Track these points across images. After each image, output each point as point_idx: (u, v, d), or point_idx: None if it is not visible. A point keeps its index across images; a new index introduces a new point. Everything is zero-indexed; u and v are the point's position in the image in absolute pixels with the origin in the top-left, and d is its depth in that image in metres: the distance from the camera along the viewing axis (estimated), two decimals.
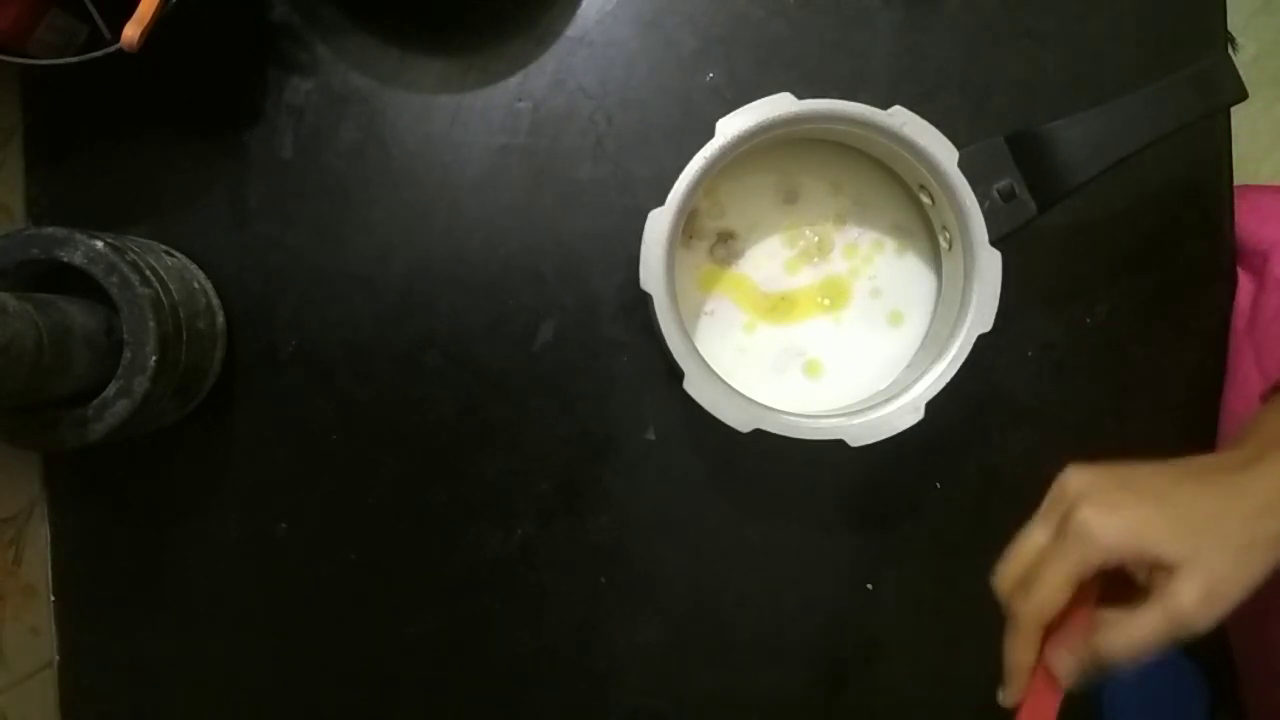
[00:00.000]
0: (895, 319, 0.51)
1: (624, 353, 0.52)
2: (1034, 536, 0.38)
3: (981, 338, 0.46)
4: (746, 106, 0.45)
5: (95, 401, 0.43)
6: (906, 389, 0.46)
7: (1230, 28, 0.54)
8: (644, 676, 0.53)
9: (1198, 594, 0.34)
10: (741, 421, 0.45)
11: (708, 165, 0.45)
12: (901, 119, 0.46)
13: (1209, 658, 0.51)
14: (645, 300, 0.46)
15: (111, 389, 0.43)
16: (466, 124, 0.52)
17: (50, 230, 0.43)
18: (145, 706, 0.53)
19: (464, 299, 0.52)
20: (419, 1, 0.52)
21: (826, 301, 0.51)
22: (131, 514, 0.53)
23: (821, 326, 0.51)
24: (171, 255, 0.49)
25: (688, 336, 0.46)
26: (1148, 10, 0.53)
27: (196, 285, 0.49)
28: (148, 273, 0.44)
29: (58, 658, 0.52)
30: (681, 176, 0.45)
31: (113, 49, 0.41)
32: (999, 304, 0.46)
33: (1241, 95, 0.45)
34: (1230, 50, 0.60)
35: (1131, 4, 0.53)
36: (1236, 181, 0.54)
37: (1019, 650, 0.38)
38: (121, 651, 0.53)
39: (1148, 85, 0.45)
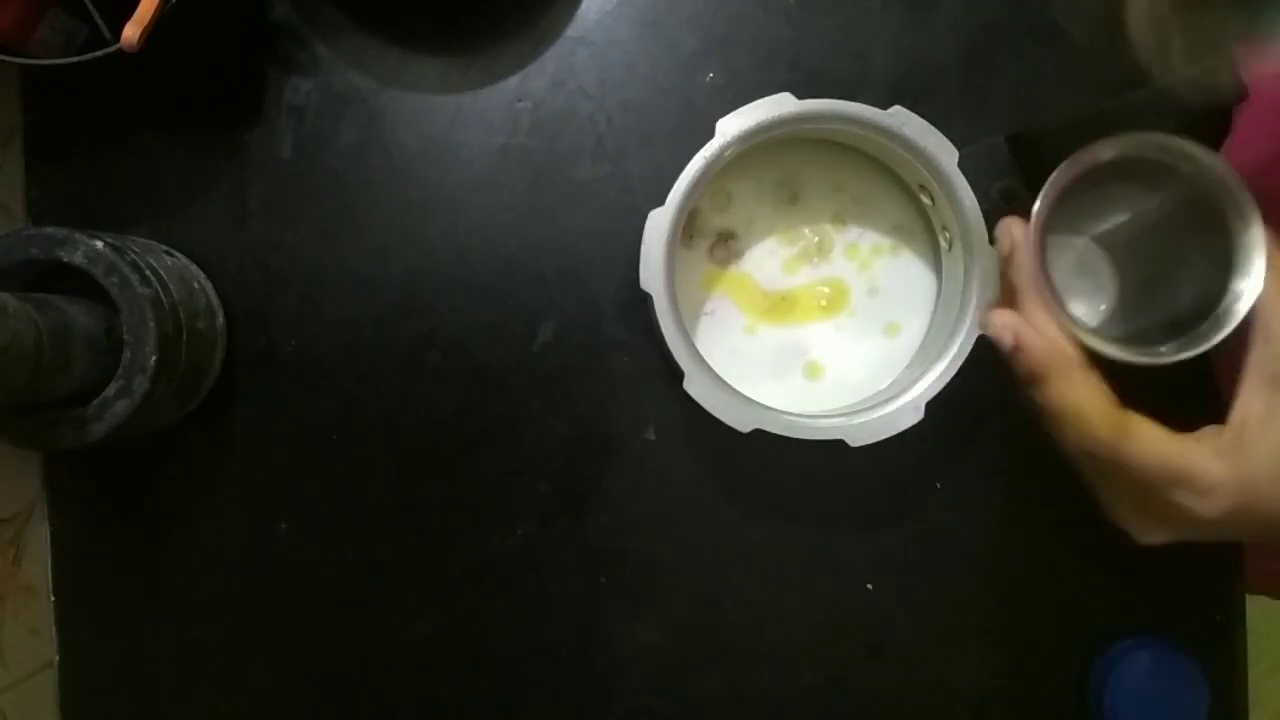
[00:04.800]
0: (894, 319, 0.51)
1: (624, 353, 0.52)
2: None
3: (981, 338, 0.46)
4: (746, 106, 0.45)
5: (95, 401, 0.43)
6: (906, 389, 0.46)
7: None
8: (644, 676, 0.53)
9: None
10: (741, 421, 0.45)
11: (708, 165, 0.45)
12: (901, 119, 0.46)
13: (1209, 658, 0.51)
14: (645, 300, 0.46)
15: (111, 389, 0.43)
16: (466, 124, 0.52)
17: (50, 230, 0.43)
18: (145, 706, 0.53)
19: (464, 299, 0.52)
20: (419, 1, 0.52)
21: (824, 302, 0.51)
22: (131, 514, 0.53)
23: (821, 327, 0.51)
24: (171, 255, 0.49)
25: (688, 336, 0.46)
26: None
27: (196, 285, 0.49)
28: (148, 273, 0.44)
29: (58, 658, 0.52)
30: (681, 176, 0.45)
31: (113, 49, 0.41)
32: None
33: (1242, 95, 0.45)
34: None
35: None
36: None
37: None
38: (121, 651, 0.53)
39: (1148, 85, 0.45)
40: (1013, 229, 0.37)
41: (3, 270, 0.43)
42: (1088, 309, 0.43)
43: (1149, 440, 0.33)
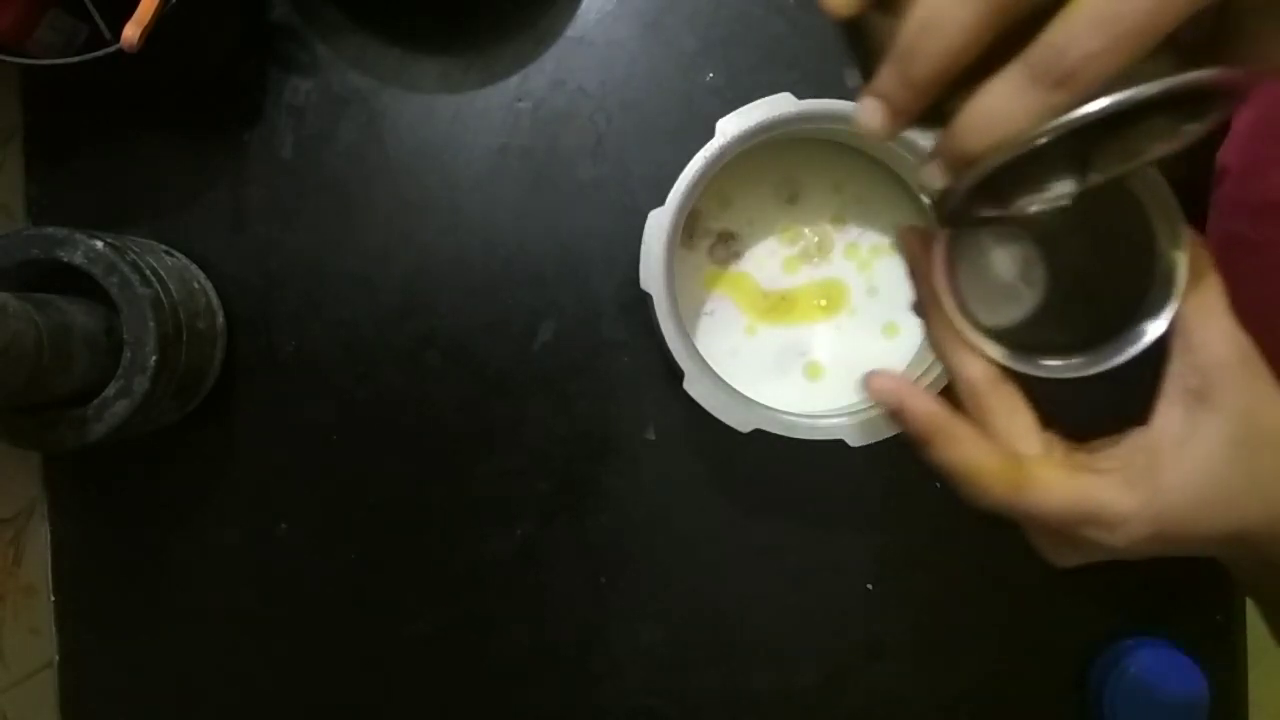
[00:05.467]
0: (894, 319, 0.51)
1: (624, 353, 0.52)
2: None
3: None
4: (746, 106, 0.45)
5: (95, 401, 0.43)
6: None
7: None
8: (644, 676, 0.53)
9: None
10: (741, 421, 0.45)
11: (708, 165, 0.45)
12: None
13: (1209, 658, 0.51)
14: (645, 300, 0.46)
15: (111, 389, 0.43)
16: (466, 124, 0.52)
17: (50, 230, 0.43)
18: (145, 706, 0.53)
19: (464, 299, 0.52)
20: (419, 1, 0.52)
21: (824, 302, 0.51)
22: (132, 514, 0.53)
23: (821, 327, 0.51)
24: (171, 255, 0.49)
25: (688, 336, 0.46)
26: None
27: (196, 285, 0.49)
28: (148, 273, 0.44)
29: (58, 658, 0.52)
30: (681, 176, 0.45)
31: (113, 49, 0.41)
32: None
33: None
34: None
35: None
36: None
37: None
38: (121, 651, 0.53)
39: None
40: (912, 242, 0.35)
41: (3, 270, 0.43)
42: (1020, 309, 0.41)
43: (1048, 487, 0.31)
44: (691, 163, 0.45)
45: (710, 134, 0.45)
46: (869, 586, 0.54)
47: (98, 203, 0.52)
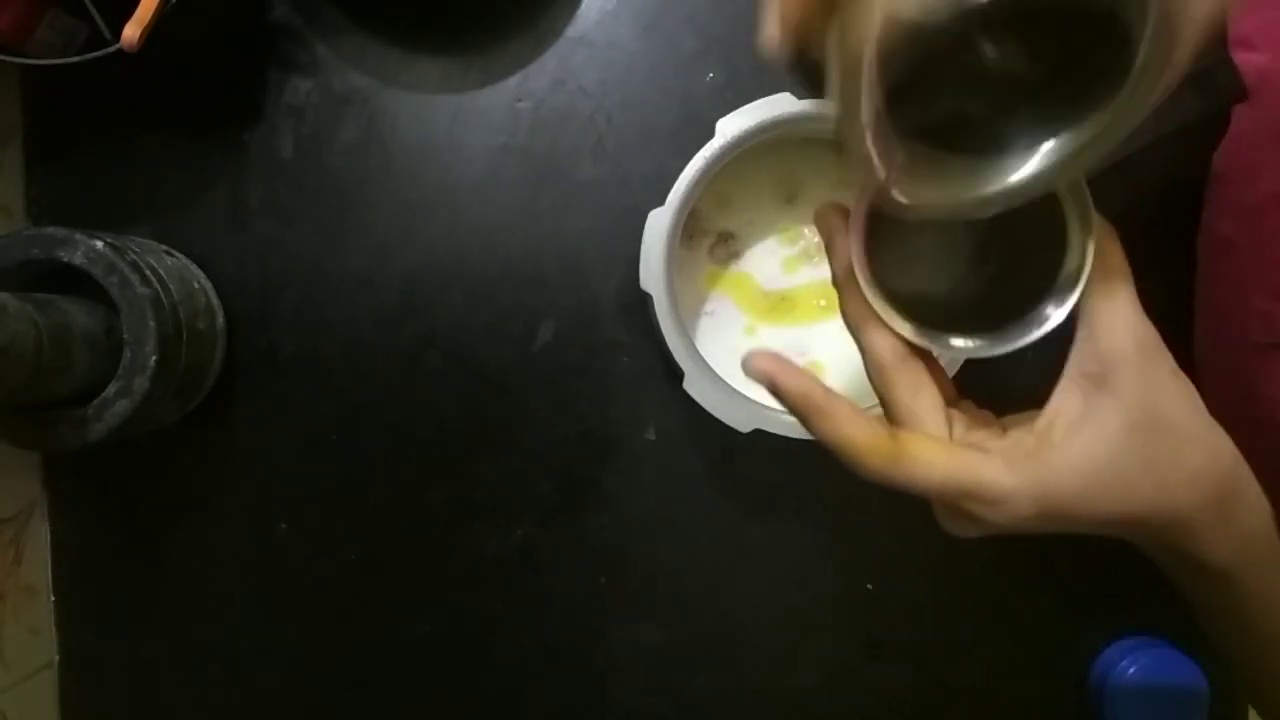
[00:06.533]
0: None
1: (624, 353, 0.52)
2: None
3: None
4: (746, 106, 0.45)
5: (95, 401, 0.43)
6: None
7: None
8: (644, 676, 0.53)
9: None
10: (741, 421, 0.45)
11: (708, 165, 0.45)
12: None
13: (1209, 658, 0.51)
14: (645, 300, 0.46)
15: (111, 389, 0.43)
16: (466, 124, 0.52)
17: (50, 230, 0.43)
18: (145, 706, 0.53)
19: (464, 299, 0.52)
20: (419, 1, 0.52)
21: (824, 302, 0.51)
22: (131, 514, 0.53)
23: (821, 327, 0.51)
24: (171, 255, 0.49)
25: (688, 336, 0.46)
26: None
27: (196, 285, 0.49)
28: (148, 273, 0.44)
29: (58, 658, 0.52)
30: (681, 176, 0.45)
31: (113, 49, 0.41)
32: None
33: (1241, 95, 0.45)
34: None
35: None
36: None
37: None
38: (121, 651, 0.53)
39: None
40: (829, 216, 0.35)
41: (3, 270, 0.43)
42: (935, 287, 0.41)
43: (925, 463, 0.31)
44: (691, 163, 0.45)
45: (710, 134, 0.45)
46: (869, 586, 0.54)
47: (98, 203, 0.52)
